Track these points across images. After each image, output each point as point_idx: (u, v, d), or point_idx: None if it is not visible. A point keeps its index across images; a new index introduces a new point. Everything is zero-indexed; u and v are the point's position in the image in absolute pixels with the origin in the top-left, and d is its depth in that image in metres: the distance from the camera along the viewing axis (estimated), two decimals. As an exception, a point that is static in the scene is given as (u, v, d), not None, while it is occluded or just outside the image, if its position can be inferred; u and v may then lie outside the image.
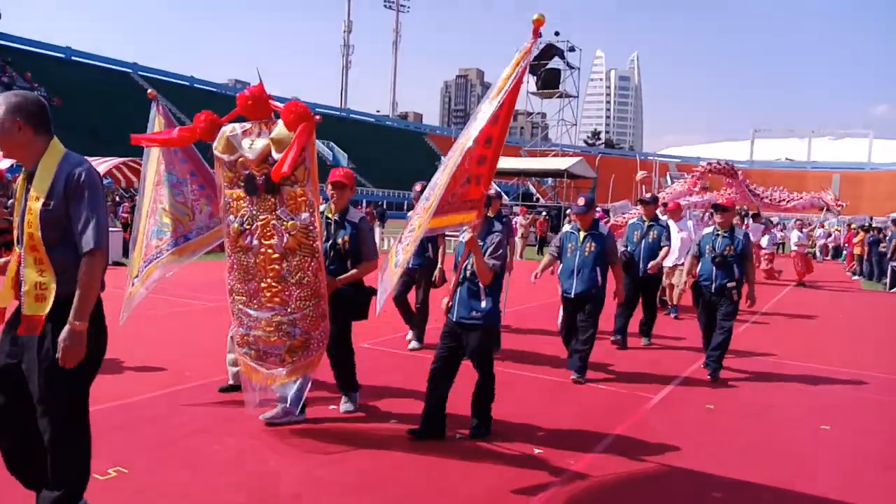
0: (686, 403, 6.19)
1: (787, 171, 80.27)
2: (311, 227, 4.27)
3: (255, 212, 4.32)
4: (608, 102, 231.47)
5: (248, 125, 4.30)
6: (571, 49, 58.01)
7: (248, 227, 4.34)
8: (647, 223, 8.73)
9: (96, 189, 2.98)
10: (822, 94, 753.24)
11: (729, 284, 6.98)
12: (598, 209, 8.68)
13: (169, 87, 64.95)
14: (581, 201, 6.76)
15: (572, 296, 6.66)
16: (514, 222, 25.69)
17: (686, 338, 9.13)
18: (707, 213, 16.48)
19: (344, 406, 5.35)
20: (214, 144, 4.40)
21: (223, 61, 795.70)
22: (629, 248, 8.63)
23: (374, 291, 4.88)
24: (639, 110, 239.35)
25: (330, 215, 5.19)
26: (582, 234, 6.72)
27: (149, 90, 5.22)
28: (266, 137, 4.21)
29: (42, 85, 48.56)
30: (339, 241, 5.10)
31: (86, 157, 3.20)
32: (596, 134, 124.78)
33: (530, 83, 58.00)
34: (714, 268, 7.03)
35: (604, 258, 6.62)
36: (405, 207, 60.30)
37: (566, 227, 7.06)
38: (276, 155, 4.14)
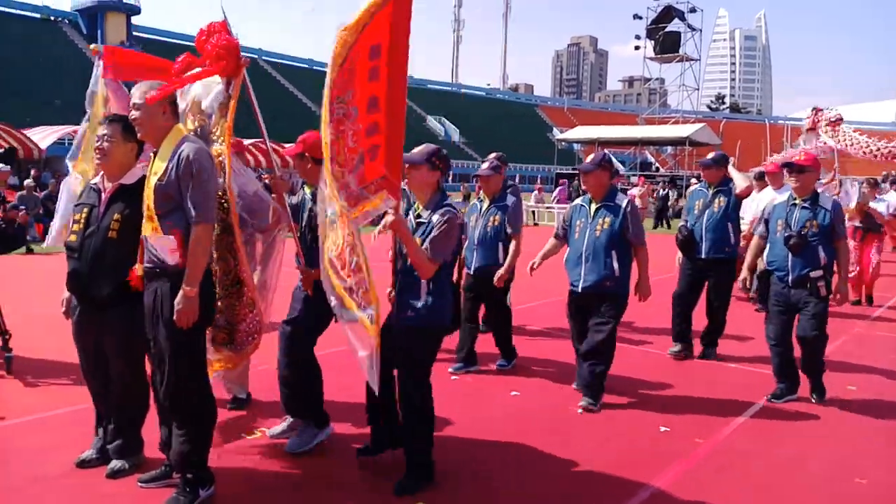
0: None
1: (939, 133, 73.20)
2: (224, 196, 3.62)
3: None
4: (733, 64, 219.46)
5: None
6: (692, 10, 55.48)
7: None
8: (711, 190, 6.47)
9: (203, 168, 3.24)
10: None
11: (813, 274, 4.97)
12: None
13: (291, 71, 68.25)
14: (589, 157, 5.19)
15: (579, 290, 5.03)
16: (629, 194, 25.01)
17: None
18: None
19: (289, 440, 4.09)
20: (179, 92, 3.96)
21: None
22: (689, 223, 6.51)
23: None
24: (767, 71, 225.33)
25: (308, 191, 4.12)
26: (594, 205, 5.05)
27: (93, 46, 4.92)
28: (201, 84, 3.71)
29: (176, 73, 51.46)
30: (315, 222, 3.86)
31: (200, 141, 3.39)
32: (720, 98, 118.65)
33: (648, 48, 56.06)
34: (789, 253, 5.07)
35: (623, 238, 4.94)
36: (517, 179, 60.03)
37: (577, 200, 5.36)
38: (205, 104, 3.73)
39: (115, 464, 3.63)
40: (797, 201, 5.11)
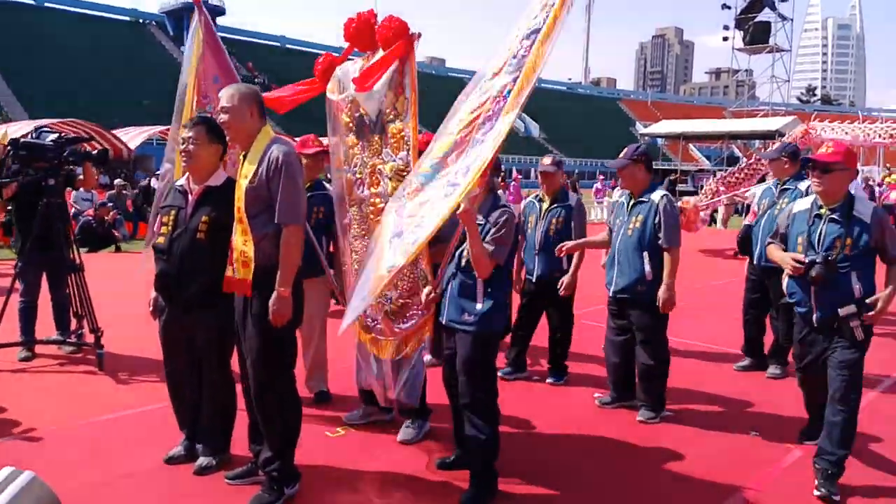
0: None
1: None
2: (408, 169, 3.69)
3: (365, 158, 3.98)
4: (825, 54, 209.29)
5: (359, 62, 3.97)
6: (783, -1, 53.23)
7: (360, 175, 4.02)
8: (780, 186, 5.66)
9: (291, 169, 3.23)
10: None
11: (842, 311, 3.57)
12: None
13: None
14: (622, 152, 4.71)
15: (611, 293, 4.72)
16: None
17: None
18: None
19: (400, 432, 4.25)
20: (328, 86, 4.13)
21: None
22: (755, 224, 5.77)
23: None
24: (861, 61, 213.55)
25: None
26: (631, 202, 4.66)
27: None
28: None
29: (262, 73, 52.76)
30: None
31: (289, 140, 3.40)
32: (811, 90, 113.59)
33: (736, 39, 54.21)
34: (811, 283, 3.66)
35: (654, 238, 4.50)
36: (598, 176, 58.96)
37: (618, 196, 4.96)
38: (376, 86, 3.78)
39: (203, 460, 3.69)
40: (822, 211, 3.72)
